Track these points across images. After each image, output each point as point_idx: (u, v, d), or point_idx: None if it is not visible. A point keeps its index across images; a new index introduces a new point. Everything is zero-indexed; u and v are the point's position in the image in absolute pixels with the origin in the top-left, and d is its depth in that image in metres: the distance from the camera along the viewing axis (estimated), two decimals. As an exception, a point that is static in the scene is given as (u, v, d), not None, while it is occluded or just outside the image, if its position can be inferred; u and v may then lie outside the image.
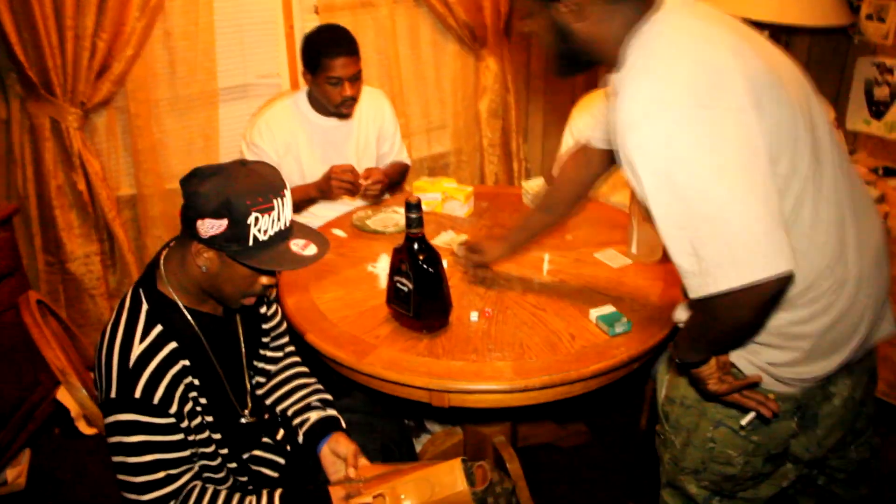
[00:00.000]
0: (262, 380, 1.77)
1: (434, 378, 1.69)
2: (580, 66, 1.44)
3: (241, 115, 2.97)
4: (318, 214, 2.63)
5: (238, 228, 1.34)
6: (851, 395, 1.51)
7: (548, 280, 2.06)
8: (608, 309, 1.87)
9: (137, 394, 1.38)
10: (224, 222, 1.33)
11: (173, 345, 1.45)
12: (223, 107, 2.91)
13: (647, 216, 2.07)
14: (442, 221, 2.42)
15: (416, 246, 1.78)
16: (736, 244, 1.16)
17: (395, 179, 2.76)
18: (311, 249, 1.44)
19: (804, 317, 1.37)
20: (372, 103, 2.66)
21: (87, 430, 2.73)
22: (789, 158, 1.25)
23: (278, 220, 1.40)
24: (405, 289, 1.81)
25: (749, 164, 1.17)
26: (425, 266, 1.78)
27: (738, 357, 1.46)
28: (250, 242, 1.36)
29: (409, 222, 1.76)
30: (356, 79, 2.44)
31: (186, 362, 1.46)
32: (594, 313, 1.85)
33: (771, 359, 1.42)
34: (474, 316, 1.89)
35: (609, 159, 1.73)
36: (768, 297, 1.19)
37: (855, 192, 1.40)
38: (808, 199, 1.29)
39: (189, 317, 1.49)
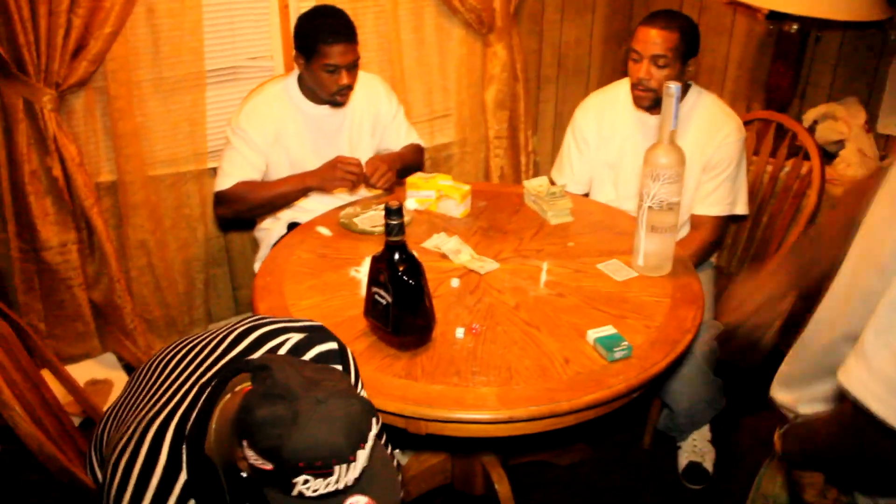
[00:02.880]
0: None
1: (409, 404, 1.52)
2: None
3: (230, 99, 2.80)
4: (307, 208, 2.47)
5: (283, 480, 1.05)
6: None
7: (544, 293, 1.88)
8: (608, 330, 1.69)
9: None
10: (269, 466, 1.04)
11: None
12: (211, 90, 2.74)
13: (656, 225, 1.90)
14: (435, 222, 2.25)
15: (395, 256, 1.61)
16: None
17: (410, 163, 2.59)
18: None
19: None
20: (366, 91, 2.49)
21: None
22: None
23: (335, 482, 1.05)
24: (383, 302, 1.64)
25: None
26: (405, 278, 1.61)
27: None
28: (294, 494, 1.06)
29: (389, 229, 1.59)
30: (354, 66, 2.29)
31: None
32: (592, 335, 1.68)
33: None
34: (460, 332, 1.72)
35: None
36: None
37: None
38: None
39: (224, 484, 1.21)
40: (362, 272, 1.99)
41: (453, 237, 2.11)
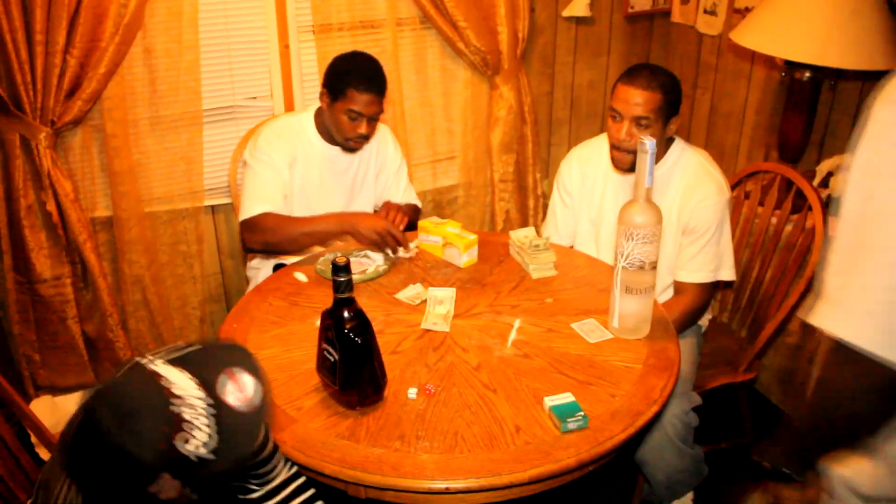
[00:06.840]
0: None
1: (346, 467, 1.47)
2: None
3: (227, 138, 2.81)
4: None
5: None
6: None
7: (510, 353, 1.81)
8: (566, 398, 1.61)
9: None
10: None
11: None
12: (208, 129, 2.75)
13: (631, 286, 1.81)
14: (414, 271, 2.19)
15: (344, 313, 1.56)
16: None
17: (410, 221, 2.55)
18: None
19: None
20: (375, 138, 2.46)
21: (47, 455, 2.60)
22: None
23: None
24: (331, 359, 1.60)
25: None
26: (352, 336, 1.56)
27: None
28: None
29: (337, 285, 1.55)
30: (375, 118, 2.27)
31: None
32: (548, 402, 1.60)
33: None
34: (412, 392, 1.66)
35: None
36: None
37: None
38: None
39: None
40: (328, 323, 1.95)
41: (425, 287, 2.06)
